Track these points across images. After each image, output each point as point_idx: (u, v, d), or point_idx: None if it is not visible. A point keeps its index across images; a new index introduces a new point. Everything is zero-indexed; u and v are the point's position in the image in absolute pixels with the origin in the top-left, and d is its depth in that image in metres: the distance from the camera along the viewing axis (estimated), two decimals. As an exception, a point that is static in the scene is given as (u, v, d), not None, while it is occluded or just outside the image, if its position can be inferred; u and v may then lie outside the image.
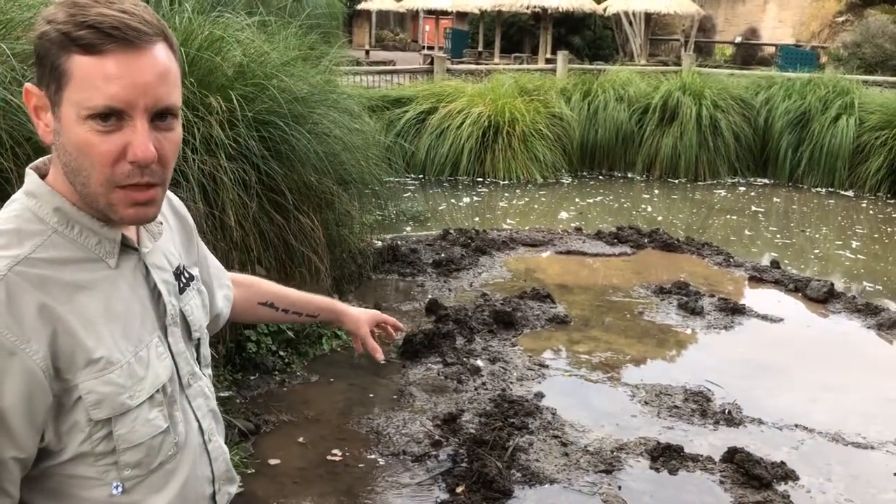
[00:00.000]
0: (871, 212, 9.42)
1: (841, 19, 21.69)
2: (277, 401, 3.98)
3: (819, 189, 10.45)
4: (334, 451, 3.56)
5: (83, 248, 1.01)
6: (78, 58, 0.94)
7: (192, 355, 1.17)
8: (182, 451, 1.11)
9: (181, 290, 1.16)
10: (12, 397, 0.92)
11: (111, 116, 0.95)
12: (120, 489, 1.03)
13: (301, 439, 3.66)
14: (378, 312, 1.67)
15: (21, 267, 0.95)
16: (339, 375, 4.31)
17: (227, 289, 1.42)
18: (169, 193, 1.20)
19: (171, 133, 1.01)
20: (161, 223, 1.17)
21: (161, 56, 0.98)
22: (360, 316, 1.62)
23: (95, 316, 1.00)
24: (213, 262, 1.38)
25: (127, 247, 1.06)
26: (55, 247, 0.99)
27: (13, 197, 1.04)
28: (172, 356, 1.11)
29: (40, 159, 1.08)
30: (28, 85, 1.00)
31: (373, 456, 3.54)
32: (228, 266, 3.23)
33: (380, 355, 1.61)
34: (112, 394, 0.99)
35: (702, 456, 3.60)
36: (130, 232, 1.08)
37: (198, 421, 1.15)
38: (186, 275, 1.19)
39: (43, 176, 1.04)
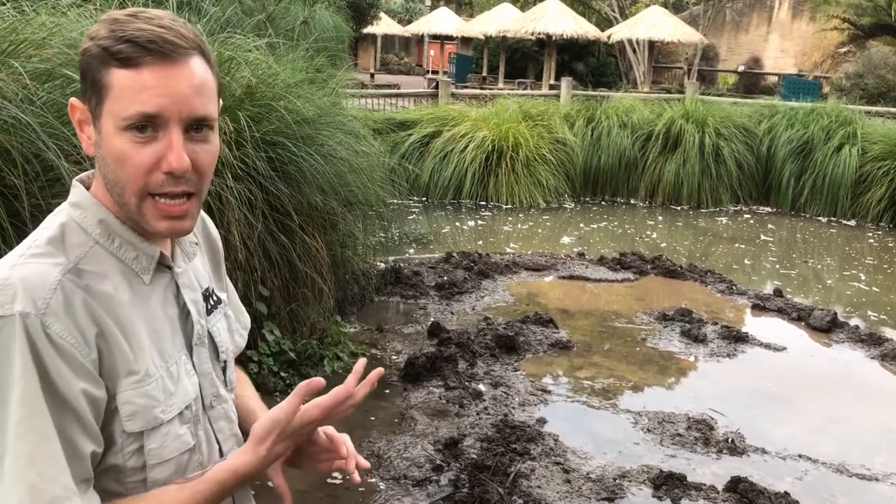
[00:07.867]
0: (872, 242, 9.43)
1: (843, 50, 21.86)
2: (278, 422, 3.95)
3: (821, 218, 10.47)
4: (334, 475, 3.54)
5: (121, 261, 1.04)
6: (116, 71, 0.98)
7: (218, 377, 1.17)
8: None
9: (209, 312, 1.17)
10: (80, 396, 0.94)
11: (147, 127, 0.98)
12: None
13: (301, 461, 3.63)
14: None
15: (72, 275, 0.98)
16: (341, 397, 4.28)
17: (243, 329, 1.34)
18: (203, 214, 1.21)
19: (206, 144, 1.03)
20: (196, 243, 1.19)
21: (197, 68, 1.01)
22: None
23: (135, 327, 1.02)
24: (235, 296, 1.35)
25: (162, 265, 1.08)
26: (97, 259, 1.02)
27: (58, 208, 1.06)
28: (197, 376, 1.12)
29: (86, 173, 1.11)
30: (73, 99, 1.04)
31: (373, 480, 3.51)
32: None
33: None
34: (147, 406, 1.01)
35: (705, 485, 3.57)
36: (167, 250, 1.10)
37: (218, 444, 1.15)
38: (215, 297, 1.20)
39: (87, 188, 1.07)
